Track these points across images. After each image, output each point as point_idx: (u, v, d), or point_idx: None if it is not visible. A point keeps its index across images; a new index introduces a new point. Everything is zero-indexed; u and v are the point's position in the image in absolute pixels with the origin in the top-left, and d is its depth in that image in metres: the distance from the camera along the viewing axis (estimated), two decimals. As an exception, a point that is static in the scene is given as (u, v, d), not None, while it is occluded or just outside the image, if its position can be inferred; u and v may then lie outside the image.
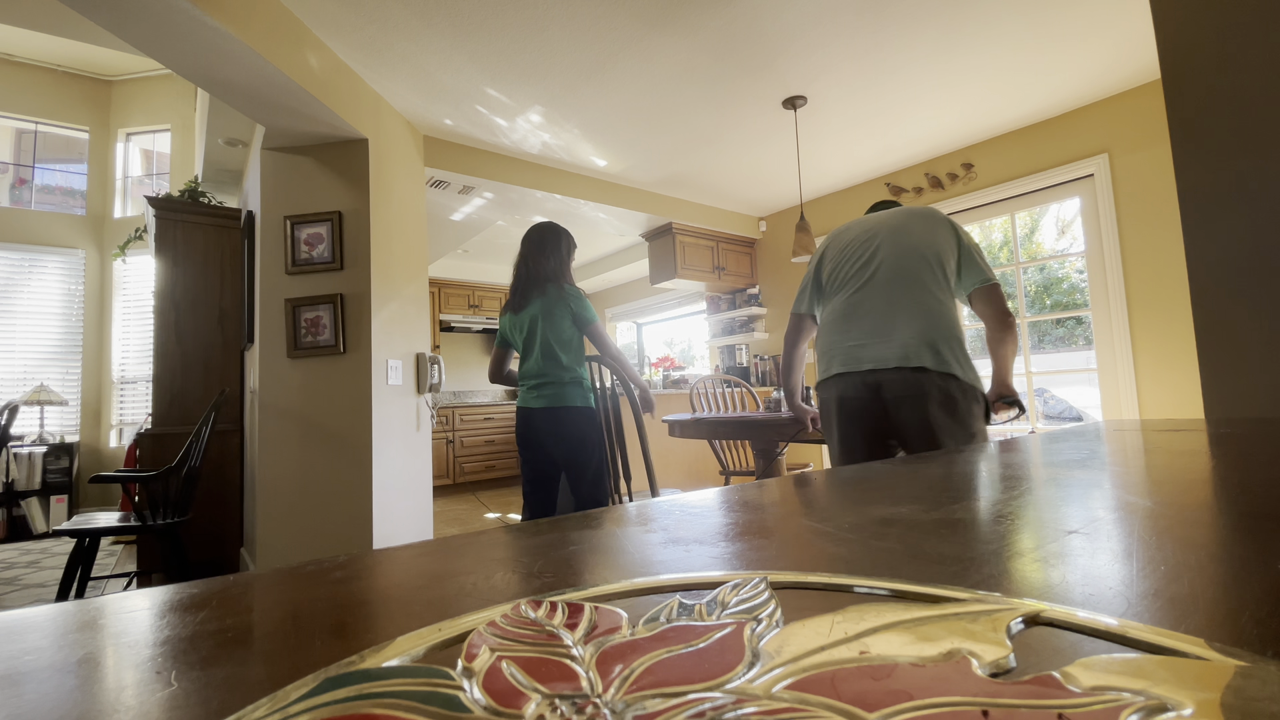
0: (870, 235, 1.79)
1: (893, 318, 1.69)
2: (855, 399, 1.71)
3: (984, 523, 0.32)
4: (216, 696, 0.16)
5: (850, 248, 1.81)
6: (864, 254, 1.78)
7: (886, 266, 1.73)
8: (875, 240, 1.78)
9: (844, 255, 1.82)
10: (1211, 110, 1.15)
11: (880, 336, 1.69)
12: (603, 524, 0.35)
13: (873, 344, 1.70)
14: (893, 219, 1.81)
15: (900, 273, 1.72)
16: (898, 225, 1.79)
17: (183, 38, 1.98)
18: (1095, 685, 0.12)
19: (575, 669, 0.15)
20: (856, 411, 1.72)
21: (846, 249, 1.82)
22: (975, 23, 2.52)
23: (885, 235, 1.77)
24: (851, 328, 1.74)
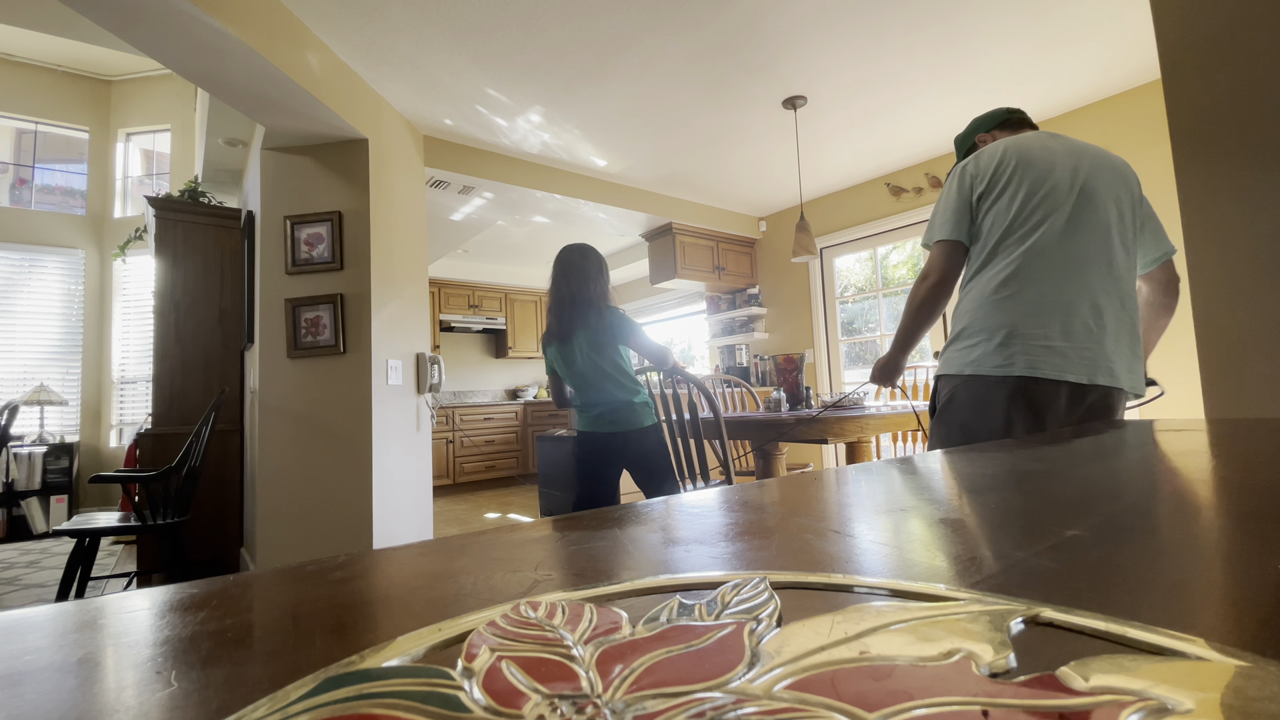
0: (1073, 173, 1.27)
1: (1112, 308, 1.24)
2: (1053, 418, 1.20)
3: (984, 523, 0.32)
4: (216, 696, 0.16)
5: (1054, 184, 1.25)
6: (1069, 198, 1.25)
7: (1101, 227, 1.25)
8: (1079, 183, 1.25)
9: (1044, 190, 1.25)
10: (1211, 110, 1.15)
11: (1111, 334, 1.22)
12: (603, 524, 0.35)
13: (1104, 342, 1.22)
14: (1097, 158, 1.30)
15: (1111, 243, 1.26)
16: (1102, 170, 1.28)
17: (183, 38, 1.98)
18: (1095, 685, 0.12)
19: (575, 669, 0.15)
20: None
21: (1046, 182, 1.26)
22: (975, 23, 2.52)
23: (1093, 181, 1.26)
24: (1080, 310, 1.21)
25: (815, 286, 4.72)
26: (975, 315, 1.28)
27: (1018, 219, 1.26)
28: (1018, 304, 1.23)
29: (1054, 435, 0.74)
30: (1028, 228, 1.25)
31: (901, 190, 4.13)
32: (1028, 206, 1.26)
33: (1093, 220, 1.25)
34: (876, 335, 4.45)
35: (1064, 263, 1.23)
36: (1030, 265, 1.24)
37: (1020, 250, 1.25)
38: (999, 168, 1.29)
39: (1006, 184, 1.28)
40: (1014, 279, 1.24)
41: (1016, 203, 1.26)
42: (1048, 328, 1.21)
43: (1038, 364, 1.20)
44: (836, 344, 4.64)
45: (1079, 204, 1.25)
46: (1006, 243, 1.27)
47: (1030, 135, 1.34)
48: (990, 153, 1.32)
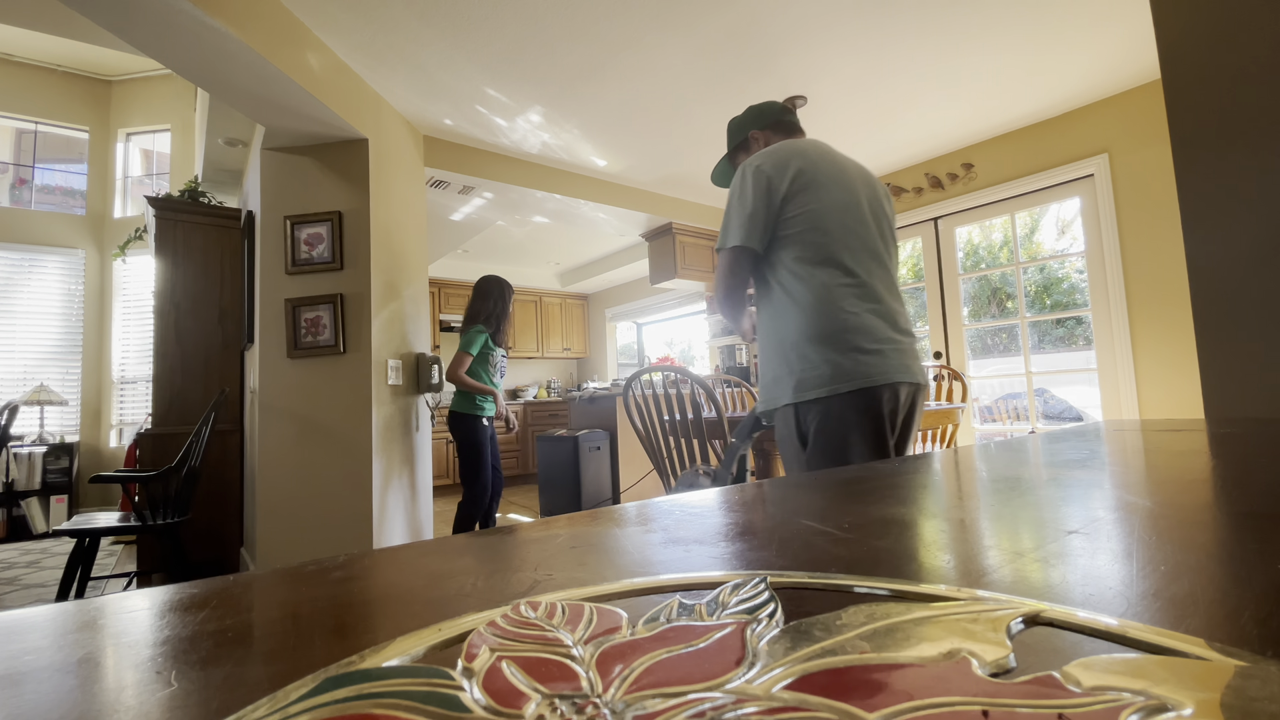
0: (854, 175, 1.36)
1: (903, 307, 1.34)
2: (891, 416, 1.27)
3: (984, 523, 0.32)
4: (216, 696, 0.16)
5: (848, 195, 1.32)
6: (858, 198, 1.33)
7: (885, 238, 1.36)
8: (860, 187, 1.35)
9: (842, 201, 1.31)
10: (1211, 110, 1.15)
11: (910, 335, 1.32)
12: (603, 524, 0.35)
13: (911, 345, 1.31)
14: (867, 178, 1.40)
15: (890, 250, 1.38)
16: (872, 191, 1.39)
17: (183, 38, 1.98)
18: (1095, 685, 0.12)
19: (575, 669, 0.15)
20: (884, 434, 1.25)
21: (838, 179, 1.32)
22: (975, 23, 2.52)
23: (869, 197, 1.36)
24: (894, 314, 1.30)
25: (815, 286, 4.72)
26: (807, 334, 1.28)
27: (833, 221, 1.29)
28: (852, 316, 1.26)
29: (1054, 435, 0.74)
30: (843, 231, 1.29)
31: (901, 190, 4.13)
32: (839, 212, 1.29)
33: (881, 228, 1.35)
34: (876, 335, 4.44)
35: (886, 280, 1.32)
36: (855, 270, 1.28)
37: (842, 263, 1.28)
38: (798, 175, 1.29)
39: (814, 184, 1.29)
40: (847, 291, 1.27)
41: (829, 208, 1.29)
42: (878, 335, 1.26)
43: (882, 367, 1.26)
44: (836, 344, 4.64)
45: (874, 215, 1.34)
46: (827, 248, 1.28)
47: (812, 143, 1.36)
48: (783, 157, 1.31)
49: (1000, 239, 3.85)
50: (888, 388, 1.24)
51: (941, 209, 3.95)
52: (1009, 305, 3.80)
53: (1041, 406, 3.74)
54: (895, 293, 1.34)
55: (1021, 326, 3.65)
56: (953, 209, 3.91)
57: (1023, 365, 3.65)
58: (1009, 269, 3.74)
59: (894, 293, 1.34)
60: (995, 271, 3.85)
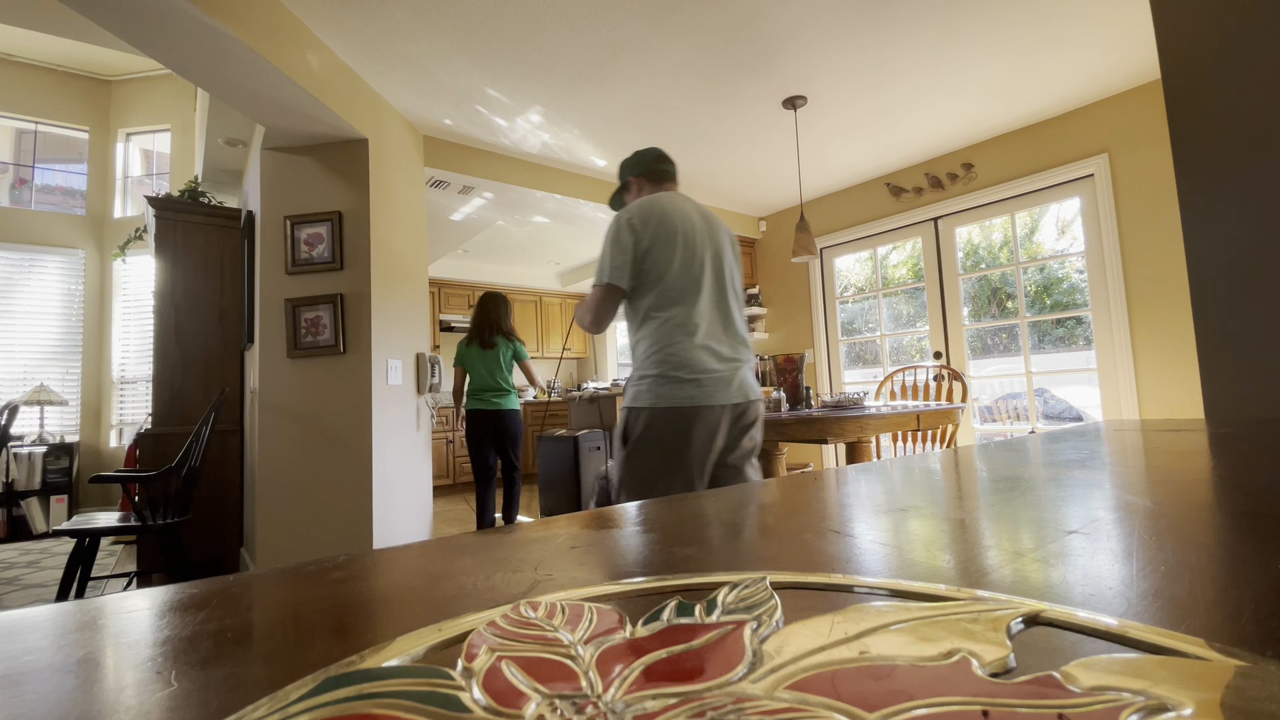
0: (699, 232, 1.64)
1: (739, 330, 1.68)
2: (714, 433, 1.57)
3: (984, 523, 0.32)
4: (216, 696, 0.16)
5: (692, 251, 1.61)
6: (699, 254, 1.62)
7: (721, 278, 1.67)
8: (702, 243, 1.63)
9: (686, 257, 1.60)
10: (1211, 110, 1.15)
11: (736, 361, 1.62)
12: (603, 524, 0.35)
13: (735, 370, 1.60)
14: (714, 233, 1.68)
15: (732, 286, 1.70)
16: (718, 244, 1.68)
17: (183, 38, 1.98)
18: (1095, 685, 0.12)
19: (575, 669, 0.15)
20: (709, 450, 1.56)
21: (685, 238, 1.60)
22: (975, 23, 2.52)
23: (714, 250, 1.65)
24: (719, 348, 1.60)
25: (815, 286, 4.72)
26: (652, 355, 1.58)
27: (676, 274, 1.58)
28: (682, 346, 1.56)
29: (1054, 435, 0.74)
30: (684, 281, 1.59)
31: (901, 190, 4.13)
32: (683, 263, 1.59)
33: (720, 275, 1.65)
34: (876, 335, 4.45)
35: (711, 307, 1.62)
36: (689, 314, 1.58)
37: (681, 301, 1.58)
38: (658, 227, 1.58)
39: (665, 242, 1.58)
40: (679, 332, 1.57)
41: (675, 259, 1.58)
42: (706, 364, 1.56)
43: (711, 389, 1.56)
44: (836, 344, 4.64)
45: (715, 265, 1.64)
46: (670, 294, 1.59)
47: (668, 197, 1.64)
48: (646, 215, 1.60)
49: (1000, 239, 3.85)
50: (702, 409, 1.53)
51: (941, 209, 3.95)
52: (1009, 305, 3.80)
53: (1041, 406, 3.74)
54: (730, 329, 1.65)
55: (1021, 326, 3.65)
56: (953, 209, 3.91)
57: (1023, 365, 3.65)
58: (1009, 269, 3.74)
59: (727, 329, 1.64)
60: (995, 271, 3.85)
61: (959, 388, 3.11)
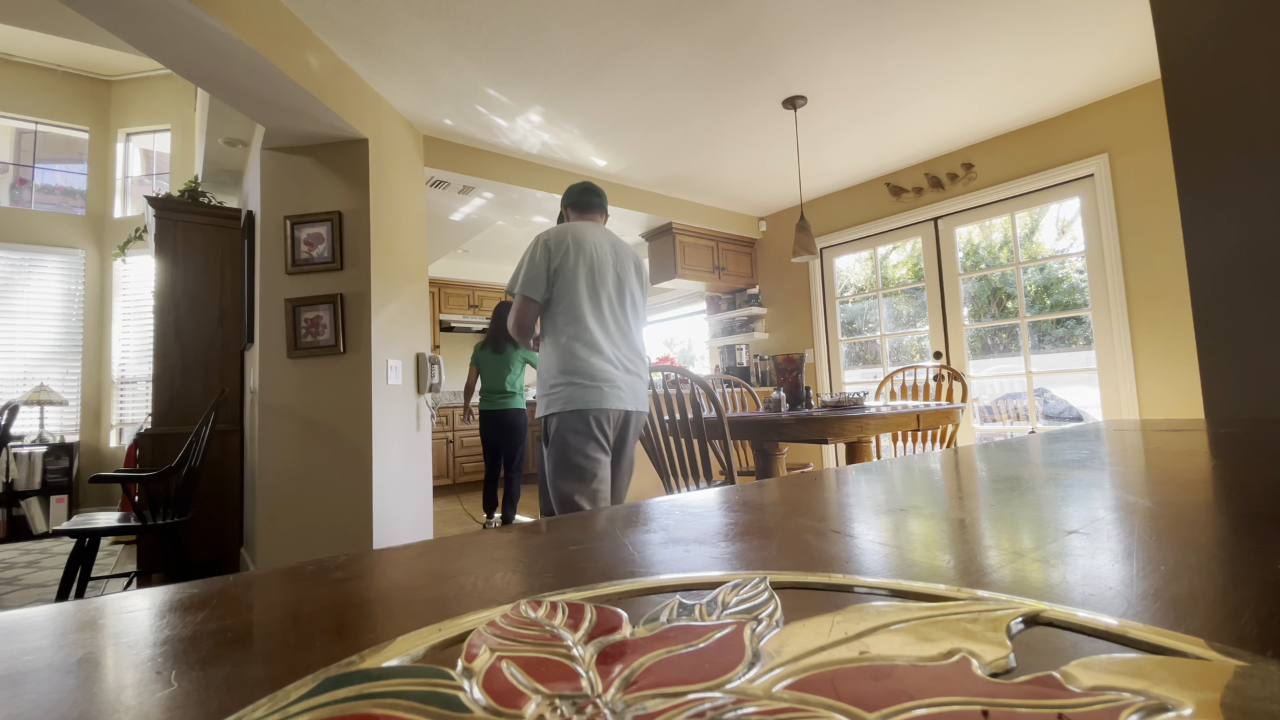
0: (606, 259, 1.91)
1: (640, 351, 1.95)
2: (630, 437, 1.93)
3: (984, 523, 0.32)
4: (216, 696, 0.16)
5: (596, 274, 1.87)
6: (605, 277, 1.89)
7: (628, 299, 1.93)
8: (608, 268, 1.90)
9: (591, 278, 1.86)
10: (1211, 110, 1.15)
11: (632, 374, 1.89)
12: (603, 524, 0.35)
13: (631, 381, 1.87)
14: (620, 257, 1.94)
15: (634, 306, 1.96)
16: (623, 267, 1.94)
17: (183, 38, 1.98)
18: (1095, 685, 0.12)
19: (575, 669, 0.15)
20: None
21: (591, 262, 1.86)
22: (975, 23, 2.52)
23: (618, 273, 1.92)
24: (617, 360, 1.84)
25: (815, 286, 4.72)
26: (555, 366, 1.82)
27: (581, 293, 1.83)
28: (585, 357, 1.80)
29: (1054, 435, 0.74)
30: (590, 300, 1.83)
31: (901, 190, 4.13)
32: (588, 284, 1.84)
33: (623, 294, 1.90)
34: (876, 335, 4.45)
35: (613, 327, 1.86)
36: (591, 330, 1.82)
37: (584, 321, 1.82)
38: (569, 251, 1.83)
39: (574, 264, 1.83)
40: (580, 344, 1.81)
41: (580, 280, 1.83)
42: (607, 373, 1.80)
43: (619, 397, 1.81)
44: (836, 344, 4.64)
45: (618, 286, 1.89)
46: (575, 311, 1.82)
47: (584, 226, 1.90)
48: (560, 238, 1.86)
49: (1000, 239, 3.85)
50: (599, 411, 1.77)
51: (941, 209, 3.95)
52: (1009, 305, 3.80)
53: (1041, 406, 3.74)
54: (628, 343, 1.89)
55: (1021, 326, 3.65)
56: (953, 209, 3.91)
57: (1023, 365, 3.65)
58: (1009, 269, 3.74)
59: (626, 343, 1.88)
60: (995, 271, 3.85)
61: (959, 388, 3.11)
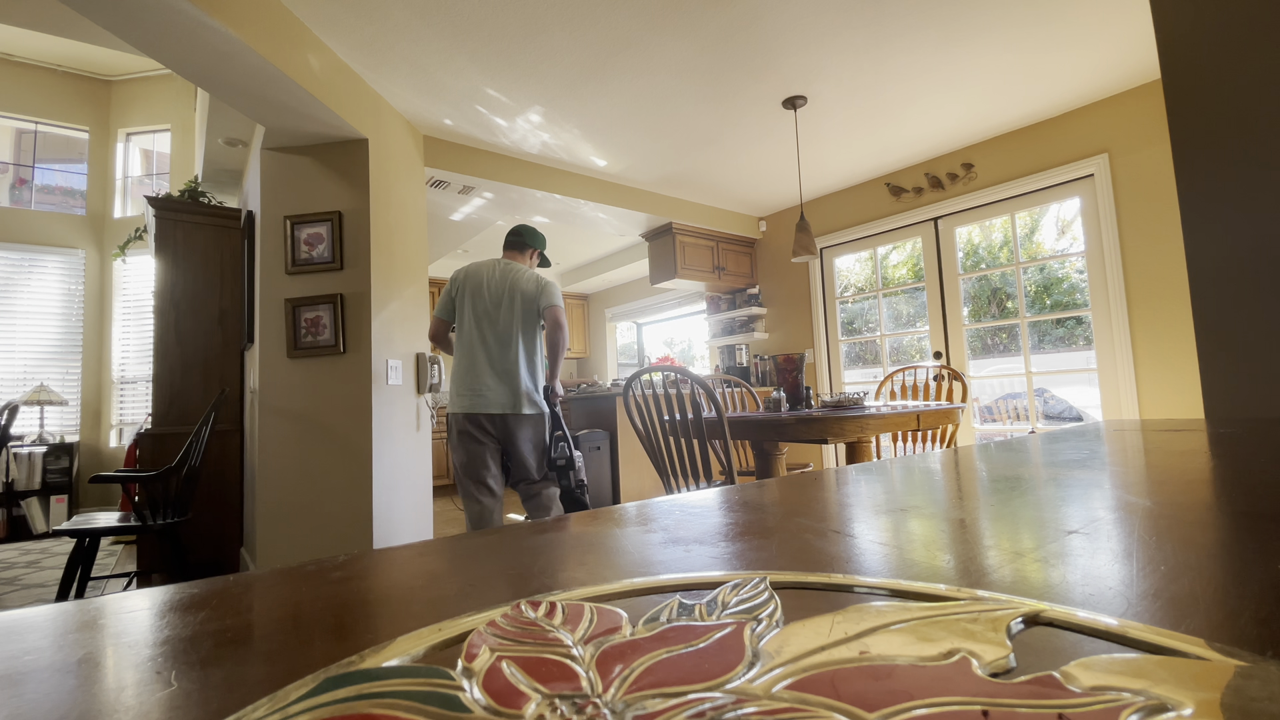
0: (493, 287, 2.48)
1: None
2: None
3: (984, 523, 0.32)
4: (216, 696, 0.16)
5: (481, 300, 2.46)
6: (488, 308, 2.47)
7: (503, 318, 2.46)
8: (488, 301, 2.47)
9: (477, 305, 2.47)
10: (1211, 110, 1.15)
11: (501, 384, 2.43)
12: (603, 524, 0.35)
13: (494, 388, 2.41)
14: (511, 286, 2.47)
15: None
16: (512, 294, 2.47)
17: (183, 38, 1.98)
18: (1095, 685, 0.12)
19: (575, 669, 0.15)
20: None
21: (474, 300, 2.47)
22: (975, 23, 2.52)
23: (506, 300, 2.46)
24: (488, 371, 2.42)
25: (815, 286, 4.72)
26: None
27: (464, 320, 2.46)
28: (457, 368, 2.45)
29: (1054, 435, 0.74)
30: (471, 325, 2.44)
31: (901, 190, 4.13)
32: (471, 308, 2.46)
33: (495, 314, 2.43)
34: (876, 335, 4.45)
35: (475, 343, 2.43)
36: (463, 344, 2.46)
37: (468, 340, 2.44)
38: (463, 284, 2.49)
39: (465, 294, 2.48)
40: (462, 357, 2.45)
41: (465, 305, 2.46)
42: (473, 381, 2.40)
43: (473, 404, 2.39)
44: (836, 344, 4.64)
45: (507, 308, 2.43)
46: (462, 329, 2.47)
47: (488, 262, 2.53)
48: (463, 273, 2.52)
49: (1000, 239, 3.85)
50: (462, 415, 2.39)
51: (941, 209, 3.95)
52: (1009, 305, 3.80)
53: (1041, 406, 3.74)
54: (503, 357, 2.39)
55: (1021, 326, 3.65)
56: (953, 209, 3.91)
57: (1023, 365, 3.65)
58: (1009, 269, 3.74)
59: (501, 357, 2.39)
60: (995, 271, 3.85)
61: (959, 388, 3.11)
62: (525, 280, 2.46)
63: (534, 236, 2.64)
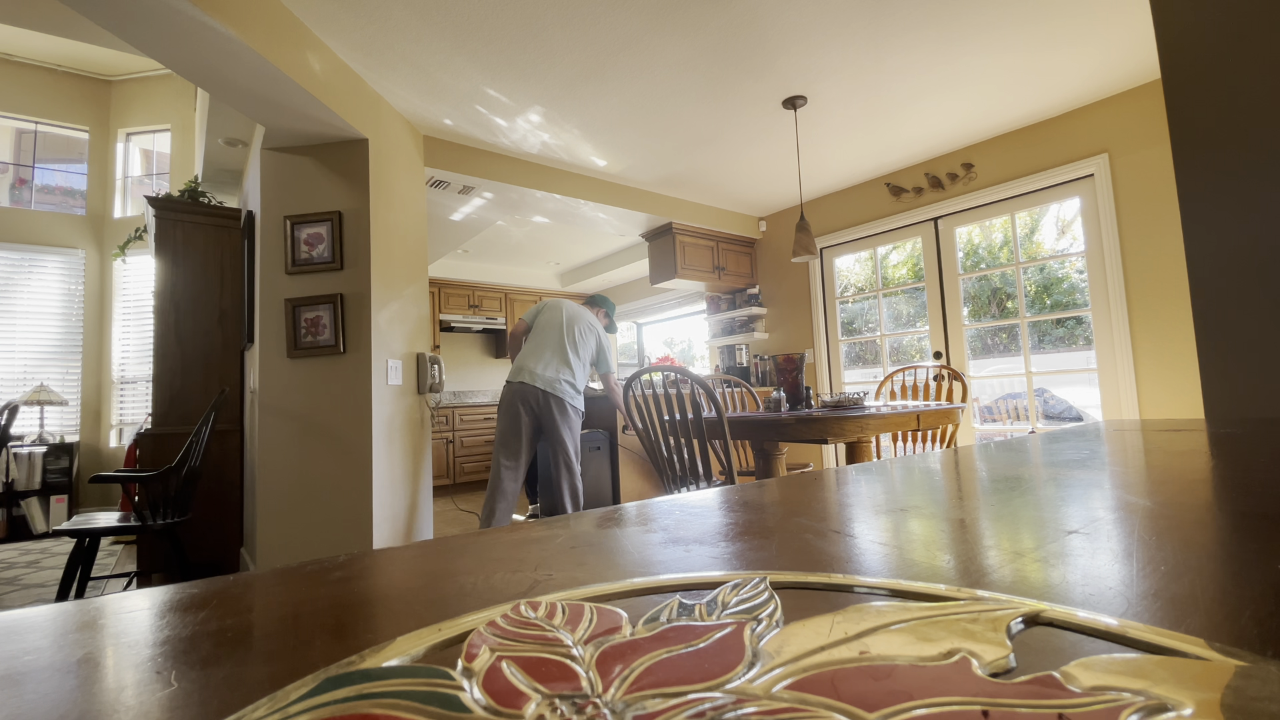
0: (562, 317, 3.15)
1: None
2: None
3: (984, 523, 0.32)
4: (216, 696, 0.16)
5: (549, 322, 3.13)
6: (559, 328, 3.12)
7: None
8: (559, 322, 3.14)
9: (545, 322, 3.14)
10: (1211, 110, 1.15)
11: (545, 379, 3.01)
12: (603, 524, 0.35)
13: (544, 378, 2.97)
14: (572, 314, 3.14)
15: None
16: (574, 319, 3.13)
17: (183, 38, 1.98)
18: (1095, 685, 0.12)
19: (575, 669, 0.15)
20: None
21: (543, 321, 3.15)
22: (975, 23, 2.52)
23: (569, 322, 3.13)
24: (540, 366, 3.01)
25: (815, 286, 4.72)
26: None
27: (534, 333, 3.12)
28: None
29: (1054, 435, 0.74)
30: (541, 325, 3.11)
31: (901, 190, 4.13)
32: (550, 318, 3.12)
33: (570, 335, 3.07)
34: (876, 335, 4.45)
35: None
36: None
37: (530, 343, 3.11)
38: (539, 311, 3.17)
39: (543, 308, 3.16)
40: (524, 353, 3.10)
41: (544, 315, 3.14)
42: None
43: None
44: (836, 344, 4.64)
45: (568, 329, 3.07)
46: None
47: (557, 301, 3.17)
48: (538, 306, 3.20)
49: (1000, 239, 3.85)
50: (512, 386, 2.99)
51: (941, 209, 3.95)
52: (1009, 305, 3.80)
53: (1041, 406, 3.74)
54: (557, 358, 2.99)
55: (1021, 326, 3.65)
56: (953, 209, 3.91)
57: (1023, 365, 3.65)
58: (1009, 269, 3.74)
59: (556, 357, 2.99)
60: (995, 271, 3.85)
61: (959, 388, 3.11)
62: (596, 326, 3.17)
63: (605, 301, 3.37)
